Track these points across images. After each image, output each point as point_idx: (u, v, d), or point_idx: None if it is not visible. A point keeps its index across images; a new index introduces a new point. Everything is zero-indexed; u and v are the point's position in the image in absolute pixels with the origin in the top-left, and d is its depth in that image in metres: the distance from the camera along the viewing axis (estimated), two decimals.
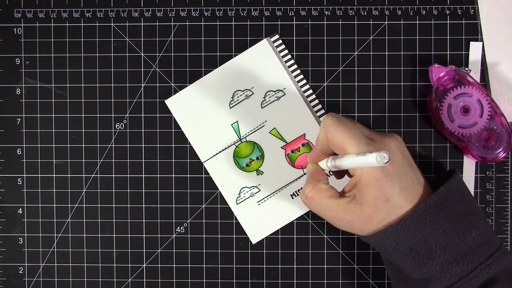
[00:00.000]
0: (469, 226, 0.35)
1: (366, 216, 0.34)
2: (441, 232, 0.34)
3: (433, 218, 0.34)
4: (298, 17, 0.46)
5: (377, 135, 0.36)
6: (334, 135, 0.35)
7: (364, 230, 0.36)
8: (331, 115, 0.36)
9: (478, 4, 0.46)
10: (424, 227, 0.34)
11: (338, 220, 0.36)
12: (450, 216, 0.34)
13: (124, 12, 0.47)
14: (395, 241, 0.34)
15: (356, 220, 0.35)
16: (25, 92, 0.47)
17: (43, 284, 0.47)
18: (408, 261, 0.35)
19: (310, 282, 0.46)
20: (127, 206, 0.47)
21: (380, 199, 0.34)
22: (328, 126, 0.36)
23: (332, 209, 0.36)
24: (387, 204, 0.34)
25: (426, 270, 0.34)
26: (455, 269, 0.34)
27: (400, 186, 0.34)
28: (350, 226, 0.36)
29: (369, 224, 0.35)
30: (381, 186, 0.34)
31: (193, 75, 0.46)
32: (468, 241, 0.34)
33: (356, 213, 0.35)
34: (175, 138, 0.46)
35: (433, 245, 0.34)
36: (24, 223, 0.47)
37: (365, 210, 0.34)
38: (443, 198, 0.35)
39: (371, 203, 0.34)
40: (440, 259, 0.34)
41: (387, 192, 0.34)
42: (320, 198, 0.36)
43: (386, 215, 0.34)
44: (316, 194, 0.37)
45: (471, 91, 0.43)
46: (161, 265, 0.47)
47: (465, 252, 0.34)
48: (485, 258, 0.34)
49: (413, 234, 0.34)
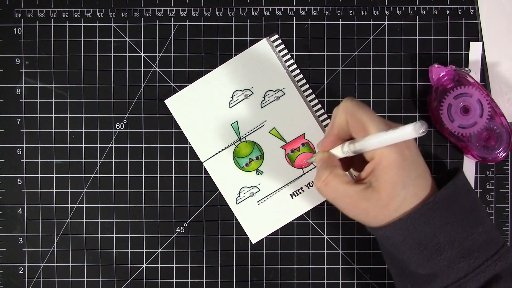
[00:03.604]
0: (476, 222, 0.35)
1: (383, 203, 0.34)
2: (449, 227, 0.34)
3: (442, 212, 0.34)
4: (298, 17, 0.46)
5: (391, 122, 0.36)
6: (357, 115, 0.35)
7: (379, 219, 0.35)
8: (351, 99, 0.36)
9: (478, 4, 0.46)
10: (433, 221, 0.34)
11: (354, 207, 0.35)
12: (458, 211, 0.34)
13: (124, 12, 0.47)
14: (404, 235, 0.34)
15: (373, 207, 0.34)
16: (25, 92, 0.47)
17: (43, 284, 0.47)
18: (416, 256, 0.35)
19: (310, 282, 0.46)
20: (127, 206, 0.47)
21: (398, 185, 0.33)
22: (349, 108, 0.35)
23: (349, 196, 0.35)
24: (404, 190, 0.33)
25: (433, 264, 0.34)
26: (462, 264, 0.34)
27: (416, 173, 0.34)
28: (365, 215, 0.35)
29: (385, 211, 0.34)
30: (400, 170, 0.33)
31: (193, 75, 0.46)
32: (475, 236, 0.34)
33: (373, 200, 0.34)
34: (175, 138, 0.46)
35: (441, 240, 0.34)
36: (24, 223, 0.47)
37: (382, 197, 0.34)
38: (452, 193, 0.35)
39: (389, 189, 0.33)
40: (448, 254, 0.34)
41: (405, 177, 0.33)
42: (337, 184, 0.35)
43: (403, 202, 0.34)
44: (334, 179, 0.36)
45: (471, 91, 0.43)
46: (161, 265, 0.47)
47: (472, 248, 0.34)
48: (491, 254, 0.34)
49: (422, 228, 0.34)
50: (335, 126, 0.37)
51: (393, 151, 0.33)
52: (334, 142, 0.38)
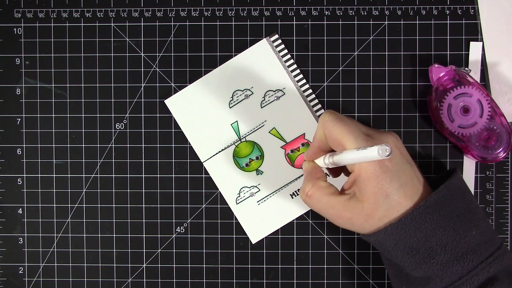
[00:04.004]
0: (469, 224, 0.35)
1: (367, 213, 0.34)
2: (442, 231, 0.34)
3: (433, 216, 0.34)
4: (298, 17, 0.46)
5: (375, 131, 0.36)
6: (333, 131, 0.35)
7: (366, 228, 0.35)
8: (329, 112, 0.36)
9: (478, 4, 0.46)
10: (425, 226, 0.34)
11: (339, 217, 0.36)
12: (450, 214, 0.34)
13: (124, 12, 0.47)
14: (396, 240, 0.34)
15: (357, 217, 0.35)
16: (25, 92, 0.47)
17: (43, 284, 0.47)
18: (409, 260, 0.35)
19: (310, 282, 0.46)
20: (127, 206, 0.47)
21: (380, 195, 0.34)
22: (326, 123, 0.36)
23: (333, 207, 0.36)
24: (387, 200, 0.34)
25: (426, 268, 0.34)
26: (456, 267, 0.34)
27: (399, 182, 0.34)
28: (351, 224, 0.36)
29: (370, 221, 0.35)
30: (380, 182, 0.34)
31: (193, 75, 0.46)
32: (468, 239, 0.34)
33: (357, 210, 0.35)
34: (175, 138, 0.46)
35: (433, 244, 0.34)
36: (24, 223, 0.47)
37: (366, 207, 0.34)
38: (443, 197, 0.35)
39: (371, 200, 0.34)
40: (440, 257, 0.34)
41: (387, 188, 0.34)
42: (320, 196, 0.36)
43: (387, 211, 0.34)
44: (317, 191, 0.37)
45: (471, 91, 0.43)
46: (161, 265, 0.47)
47: (466, 251, 0.34)
48: (485, 256, 0.34)
49: (414, 232, 0.34)
50: (315, 139, 0.38)
51: (372, 164, 0.34)
52: (316, 154, 0.39)
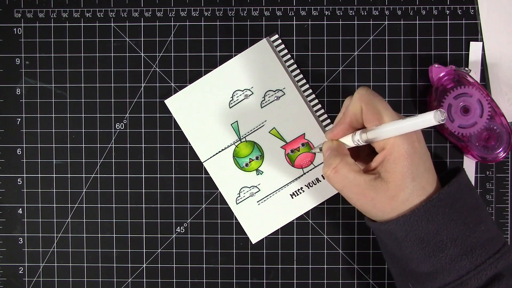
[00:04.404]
0: (478, 220, 0.35)
1: (392, 194, 0.34)
2: (453, 224, 0.34)
3: (445, 209, 0.34)
4: (298, 17, 0.46)
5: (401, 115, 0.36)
6: (374, 104, 0.35)
7: (386, 211, 0.35)
8: (366, 88, 0.36)
9: (478, 4, 0.46)
10: (437, 218, 0.34)
11: (363, 196, 0.35)
12: (461, 208, 0.34)
13: (124, 12, 0.47)
14: (407, 231, 0.34)
15: (381, 198, 0.34)
16: (25, 92, 0.47)
17: (43, 284, 0.47)
18: (418, 252, 0.35)
19: (310, 282, 0.46)
20: (127, 206, 0.47)
21: (408, 176, 0.34)
22: (364, 96, 0.35)
23: (358, 185, 0.35)
24: (413, 183, 0.34)
25: (435, 261, 0.34)
26: (464, 261, 0.34)
27: (424, 167, 0.34)
28: (373, 205, 0.35)
29: (393, 203, 0.34)
30: (411, 161, 0.33)
31: (193, 75, 0.46)
32: (477, 234, 0.34)
33: (381, 190, 0.34)
34: (175, 138, 0.46)
35: (444, 237, 0.34)
36: (24, 223, 0.47)
37: (391, 188, 0.34)
38: (455, 191, 0.35)
39: (398, 180, 0.34)
40: (450, 251, 0.34)
41: (414, 170, 0.34)
42: (347, 172, 0.35)
43: (411, 195, 0.34)
44: (344, 167, 0.35)
45: (471, 91, 0.43)
46: (161, 265, 0.47)
47: (475, 246, 0.34)
48: (493, 252, 0.34)
49: (425, 224, 0.34)
50: (348, 115, 0.37)
51: (405, 142, 0.33)
52: (345, 131, 0.37)
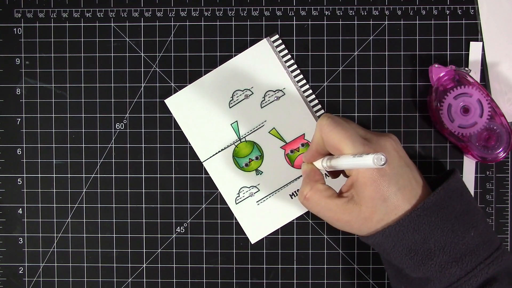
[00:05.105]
0: (468, 226, 0.35)
1: (365, 216, 0.34)
2: (440, 232, 0.34)
3: (431, 218, 0.34)
4: (298, 17, 0.46)
5: (373, 135, 0.36)
6: (330, 136, 0.35)
7: (364, 230, 0.36)
8: (327, 116, 0.36)
9: (478, 4, 0.46)
10: (423, 227, 0.34)
11: (337, 220, 0.36)
12: (448, 216, 0.34)
13: (124, 12, 0.47)
14: (394, 242, 0.34)
15: (355, 220, 0.35)
16: (25, 92, 0.47)
17: (43, 284, 0.47)
18: (407, 261, 0.35)
19: (310, 282, 0.46)
20: (127, 206, 0.47)
21: (378, 199, 0.34)
22: (323, 127, 0.36)
23: (331, 209, 0.36)
24: (385, 204, 0.34)
25: (425, 270, 0.34)
26: (454, 269, 0.34)
27: (397, 186, 0.34)
28: (349, 226, 0.36)
29: (368, 224, 0.35)
30: (378, 186, 0.34)
31: (193, 75, 0.46)
32: (467, 241, 0.34)
33: (354, 213, 0.35)
34: (175, 138, 0.46)
35: (431, 245, 0.34)
36: (24, 223, 0.47)
37: (363, 210, 0.34)
38: (441, 198, 0.35)
39: (369, 203, 0.34)
40: (439, 259, 0.34)
41: (384, 192, 0.34)
42: (318, 199, 0.36)
43: (385, 214, 0.34)
44: (315, 194, 0.37)
45: (471, 91, 0.43)
46: (161, 265, 0.47)
47: (464, 252, 0.34)
48: (484, 258, 0.34)
49: (412, 234, 0.34)
50: (313, 142, 0.38)
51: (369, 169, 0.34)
52: (315, 157, 0.39)
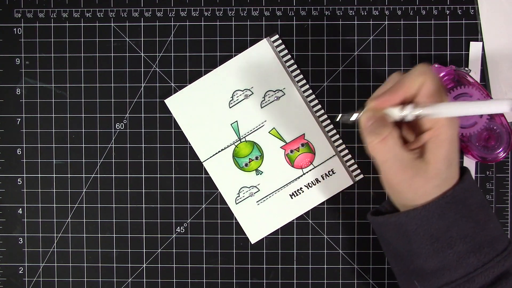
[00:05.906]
0: (488, 217, 0.35)
1: (429, 176, 0.33)
2: (464, 221, 0.34)
3: (458, 206, 0.34)
4: (298, 17, 0.46)
5: None
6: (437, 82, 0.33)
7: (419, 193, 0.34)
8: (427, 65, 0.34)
9: (478, 4, 0.46)
10: (448, 215, 0.34)
11: (403, 172, 0.34)
12: (472, 206, 0.34)
13: (124, 12, 0.47)
14: (417, 225, 0.34)
15: (419, 178, 0.33)
16: (25, 92, 0.47)
17: (43, 284, 0.47)
18: (426, 247, 0.34)
19: (310, 282, 0.46)
20: (127, 206, 0.47)
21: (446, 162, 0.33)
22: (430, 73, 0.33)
23: (401, 160, 0.34)
24: (448, 170, 0.34)
25: (442, 258, 0.34)
26: (472, 259, 0.34)
27: (458, 156, 0.34)
28: (409, 184, 0.34)
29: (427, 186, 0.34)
30: (452, 148, 0.33)
31: (193, 75, 0.46)
32: (487, 232, 0.34)
33: (421, 170, 0.33)
34: (175, 138, 0.46)
35: (454, 234, 0.34)
36: (24, 223, 0.47)
37: (430, 170, 0.33)
38: (467, 188, 0.35)
39: (438, 164, 0.33)
40: (458, 248, 0.34)
41: (452, 157, 0.33)
42: (394, 145, 0.34)
43: (444, 181, 0.34)
44: (392, 139, 0.34)
45: (471, 91, 0.43)
46: (161, 265, 0.47)
47: (483, 243, 0.34)
48: (501, 250, 0.34)
49: (436, 220, 0.34)
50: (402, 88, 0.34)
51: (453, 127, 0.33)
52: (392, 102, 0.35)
